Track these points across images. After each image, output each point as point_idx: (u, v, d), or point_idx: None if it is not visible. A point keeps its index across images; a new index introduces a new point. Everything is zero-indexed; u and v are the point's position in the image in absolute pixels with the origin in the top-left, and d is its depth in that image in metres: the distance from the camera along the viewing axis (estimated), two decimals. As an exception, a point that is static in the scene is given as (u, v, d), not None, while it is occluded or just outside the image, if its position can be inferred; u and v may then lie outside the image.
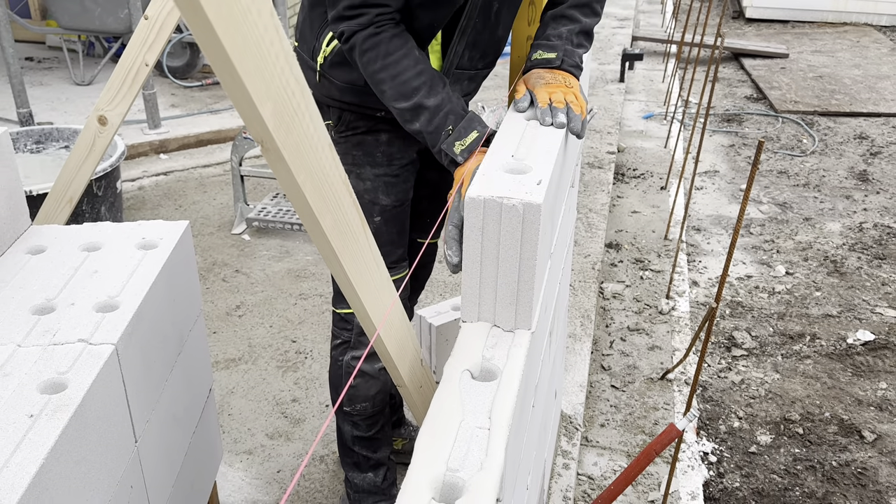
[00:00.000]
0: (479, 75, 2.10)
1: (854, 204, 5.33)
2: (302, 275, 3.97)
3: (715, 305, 2.32)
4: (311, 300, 3.75)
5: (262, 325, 3.55)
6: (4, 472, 1.28)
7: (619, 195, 5.24)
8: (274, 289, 3.85)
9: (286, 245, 4.26)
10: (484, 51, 2.01)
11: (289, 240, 4.31)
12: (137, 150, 5.29)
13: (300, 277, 3.95)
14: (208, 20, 0.83)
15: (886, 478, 3.00)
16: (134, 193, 4.93)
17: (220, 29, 0.86)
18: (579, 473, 2.76)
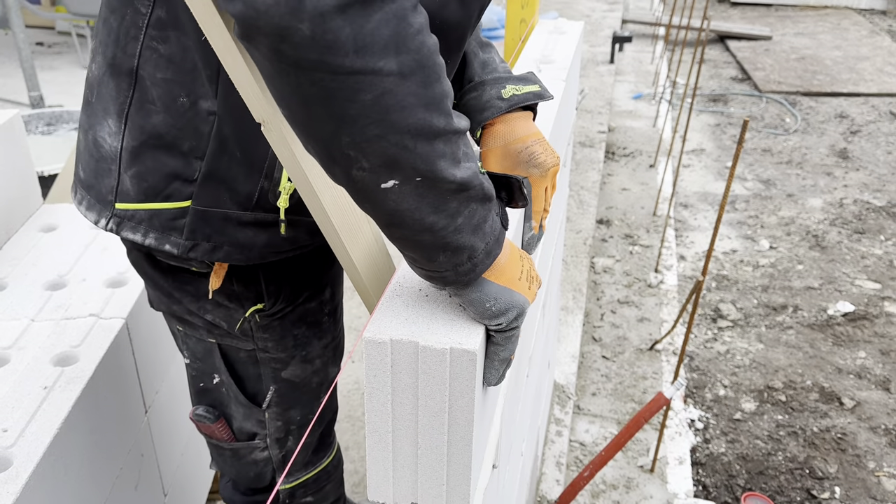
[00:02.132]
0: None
1: (835, 181, 5.32)
2: (305, 251, 3.97)
3: (701, 279, 2.32)
4: (314, 275, 3.75)
5: (267, 300, 3.55)
6: (21, 442, 1.28)
7: (609, 173, 5.22)
8: (278, 265, 3.84)
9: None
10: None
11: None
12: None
13: (303, 254, 3.94)
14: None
15: (865, 442, 3.01)
16: (142, 174, 4.90)
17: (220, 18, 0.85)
18: (571, 440, 2.77)
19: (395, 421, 0.87)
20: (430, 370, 0.83)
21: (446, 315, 0.86)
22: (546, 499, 2.39)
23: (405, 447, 0.89)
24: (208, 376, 1.40)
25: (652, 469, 2.61)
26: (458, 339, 0.82)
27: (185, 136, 1.12)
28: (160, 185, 1.15)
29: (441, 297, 0.90)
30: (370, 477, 0.91)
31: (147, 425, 1.74)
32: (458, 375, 0.83)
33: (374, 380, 0.85)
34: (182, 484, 2.01)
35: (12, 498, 1.18)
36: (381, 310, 0.87)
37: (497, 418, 1.09)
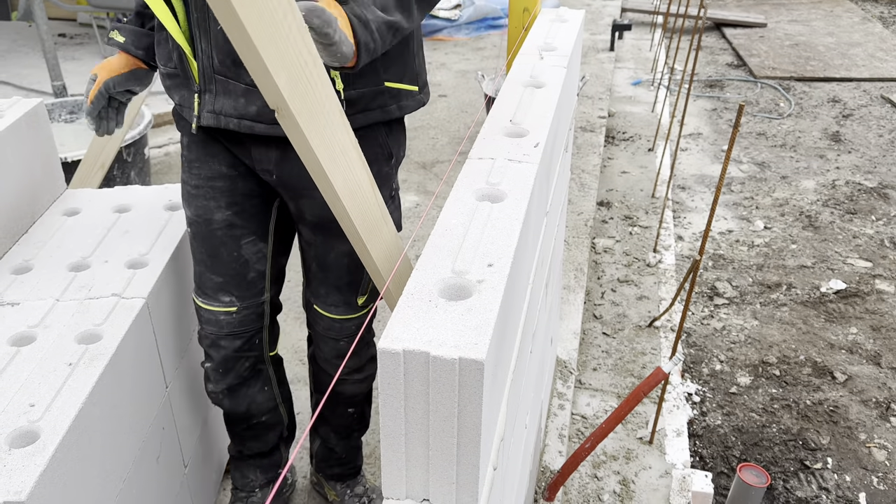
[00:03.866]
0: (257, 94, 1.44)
1: (827, 163, 5.29)
2: (317, 233, 3.96)
3: (699, 258, 2.31)
4: (326, 257, 3.74)
5: (282, 280, 3.55)
6: (47, 416, 1.29)
7: (609, 157, 5.19)
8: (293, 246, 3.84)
9: (302, 206, 4.24)
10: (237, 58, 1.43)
11: (304, 201, 4.28)
12: (164, 118, 5.25)
13: (315, 236, 3.94)
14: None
15: (856, 415, 3.01)
16: (161, 159, 4.90)
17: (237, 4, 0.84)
18: (573, 413, 2.78)
19: (408, 424, 0.89)
20: (440, 378, 0.84)
21: (455, 326, 0.87)
22: (549, 469, 2.39)
23: (417, 448, 0.90)
24: None
25: (651, 441, 2.61)
26: (467, 350, 0.83)
27: None
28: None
29: (450, 308, 0.91)
30: (384, 475, 0.93)
31: (168, 400, 1.74)
32: (467, 383, 0.84)
33: (387, 387, 0.86)
34: (201, 456, 2.02)
35: (40, 469, 1.18)
36: (393, 321, 0.88)
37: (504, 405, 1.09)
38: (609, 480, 2.45)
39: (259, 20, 0.88)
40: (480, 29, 7.67)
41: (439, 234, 1.06)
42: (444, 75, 6.42)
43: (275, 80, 0.93)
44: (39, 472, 1.18)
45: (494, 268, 0.99)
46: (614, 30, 7.01)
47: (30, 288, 1.62)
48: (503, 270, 0.98)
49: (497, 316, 0.90)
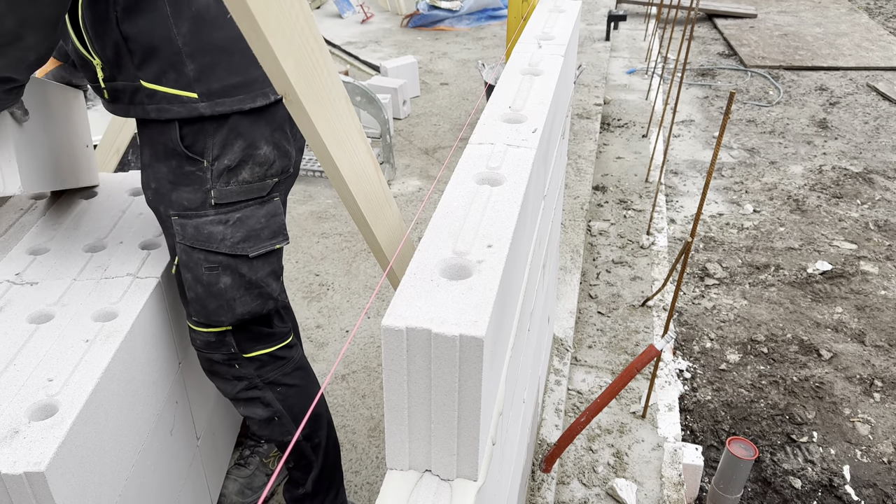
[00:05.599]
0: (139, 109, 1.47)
1: (815, 149, 5.27)
2: (323, 216, 3.96)
3: (690, 240, 2.31)
4: (332, 239, 3.74)
5: (289, 261, 3.55)
6: (65, 390, 1.29)
7: (605, 143, 5.17)
8: (298, 229, 3.84)
9: (309, 189, 4.23)
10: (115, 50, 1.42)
11: (311, 185, 4.28)
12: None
13: (322, 219, 3.94)
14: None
15: (840, 391, 3.01)
16: (173, 145, 4.88)
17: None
18: (569, 389, 2.78)
19: (411, 399, 0.89)
20: (441, 354, 0.84)
21: (455, 304, 0.87)
22: (546, 442, 2.40)
23: (419, 421, 0.90)
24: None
25: (643, 415, 2.62)
26: (467, 327, 0.83)
27: None
28: None
29: (451, 288, 0.90)
30: (388, 446, 0.93)
31: (181, 375, 1.75)
32: (467, 359, 0.84)
33: (391, 362, 0.86)
34: (213, 429, 2.03)
35: (58, 441, 1.19)
36: (396, 299, 0.88)
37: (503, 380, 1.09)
38: (603, 453, 2.46)
39: (267, 8, 0.87)
40: (481, 19, 7.62)
41: (441, 217, 1.05)
42: (446, 64, 6.39)
43: (282, 65, 0.93)
44: (58, 444, 1.18)
45: (494, 249, 0.98)
46: (610, 20, 6.96)
47: (48, 268, 1.62)
48: (502, 251, 0.98)
49: (496, 295, 0.89)
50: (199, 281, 1.56)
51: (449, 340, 0.83)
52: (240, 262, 1.56)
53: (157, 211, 1.58)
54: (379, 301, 3.21)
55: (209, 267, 1.55)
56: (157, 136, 1.49)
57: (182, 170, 1.50)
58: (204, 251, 1.54)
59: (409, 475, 0.91)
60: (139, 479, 1.49)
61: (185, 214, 1.52)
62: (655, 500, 2.28)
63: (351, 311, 3.14)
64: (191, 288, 1.58)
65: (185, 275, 1.57)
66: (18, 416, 1.23)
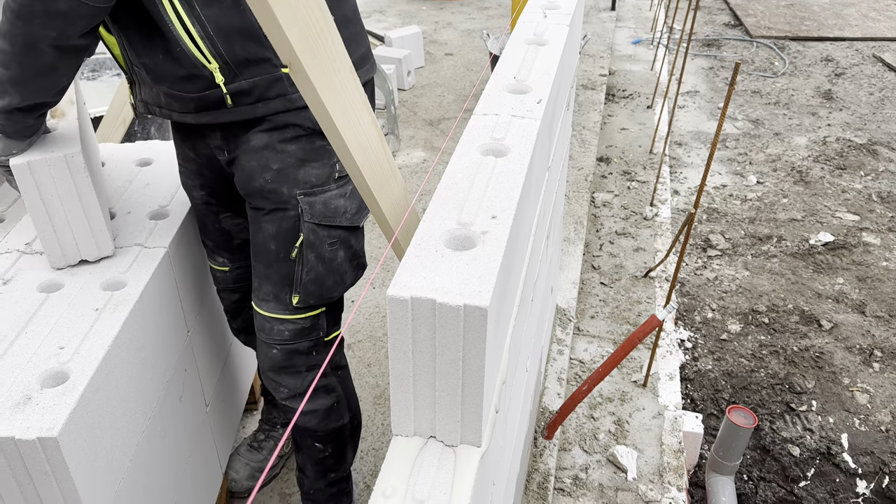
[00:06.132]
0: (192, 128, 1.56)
1: (819, 120, 5.23)
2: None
3: (693, 211, 2.30)
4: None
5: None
6: (76, 358, 1.30)
7: (609, 114, 5.14)
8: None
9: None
10: (171, 85, 1.45)
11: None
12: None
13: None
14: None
15: (840, 361, 3.02)
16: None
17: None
18: (571, 358, 2.80)
19: (416, 367, 0.89)
20: (446, 324, 0.84)
21: (460, 275, 0.87)
22: (548, 410, 2.42)
23: (424, 389, 0.91)
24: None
25: (644, 384, 2.63)
26: (471, 297, 0.83)
27: None
28: None
29: (455, 258, 0.90)
30: (394, 413, 0.93)
31: (189, 343, 1.76)
32: (471, 329, 0.84)
33: (396, 332, 0.86)
34: (222, 396, 2.05)
35: (70, 408, 1.20)
36: (402, 269, 0.88)
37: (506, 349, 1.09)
38: (605, 420, 2.48)
39: (271, -22, 0.87)
40: (486, -11, 7.53)
41: (445, 188, 1.05)
42: (451, 34, 6.33)
43: (286, 35, 0.92)
44: (70, 410, 1.20)
45: (498, 220, 0.98)
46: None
47: (56, 238, 1.63)
48: (506, 222, 0.98)
49: (500, 265, 0.90)
50: (322, 259, 1.56)
51: (453, 310, 0.83)
52: (351, 233, 1.59)
53: (275, 193, 1.52)
54: (384, 272, 3.22)
55: (331, 242, 1.56)
56: (289, 119, 1.47)
57: (313, 145, 1.50)
58: (328, 227, 1.55)
59: (414, 441, 0.93)
60: (150, 444, 1.51)
61: (312, 192, 1.52)
62: (655, 467, 2.31)
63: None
64: (312, 269, 1.57)
65: (307, 255, 1.55)
66: (31, 383, 1.24)
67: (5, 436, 1.15)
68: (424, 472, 0.87)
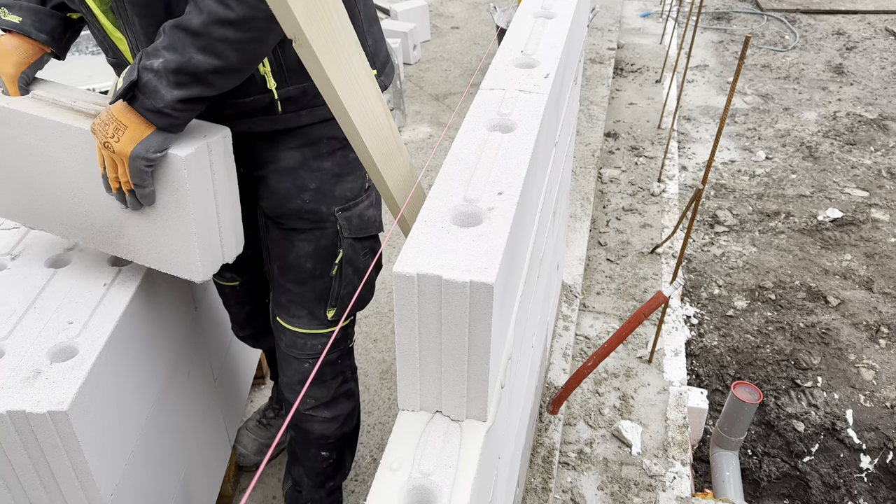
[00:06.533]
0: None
1: (829, 95, 5.18)
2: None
3: (701, 187, 2.30)
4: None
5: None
6: (85, 332, 1.31)
7: (617, 88, 5.11)
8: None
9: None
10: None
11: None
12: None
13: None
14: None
15: (847, 337, 3.03)
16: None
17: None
18: (577, 334, 2.81)
19: (422, 343, 0.90)
20: (452, 300, 0.84)
21: (466, 251, 0.87)
22: (553, 385, 2.44)
23: (430, 365, 0.91)
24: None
25: (650, 360, 2.65)
26: (477, 273, 0.83)
27: None
28: None
29: (461, 234, 0.90)
30: (400, 388, 0.94)
31: (197, 319, 1.77)
32: (477, 305, 0.84)
33: (402, 308, 0.86)
34: (229, 371, 2.07)
35: (79, 382, 1.21)
36: (408, 246, 0.88)
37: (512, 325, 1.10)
38: (610, 396, 2.50)
39: (276, -48, 0.86)
40: (493, -39, 7.45)
41: (451, 164, 1.05)
42: (457, 7, 6.28)
43: (291, 8, 0.92)
44: (79, 384, 1.21)
45: (504, 196, 0.98)
46: (624, -38, 6.80)
47: (64, 213, 1.63)
48: (513, 198, 0.98)
49: (506, 242, 0.90)
50: (358, 271, 1.54)
51: (459, 287, 0.83)
52: (378, 241, 1.57)
53: (314, 213, 1.46)
54: (390, 248, 3.23)
55: (364, 253, 1.53)
56: (324, 132, 1.42)
57: (347, 158, 1.46)
58: (361, 239, 1.52)
59: (420, 415, 0.94)
60: (159, 418, 1.53)
61: (347, 206, 1.48)
62: (660, 442, 2.32)
63: (362, 256, 3.16)
64: (349, 283, 1.54)
65: (346, 271, 1.52)
66: (40, 358, 1.26)
67: (16, 409, 1.17)
68: (430, 446, 0.88)
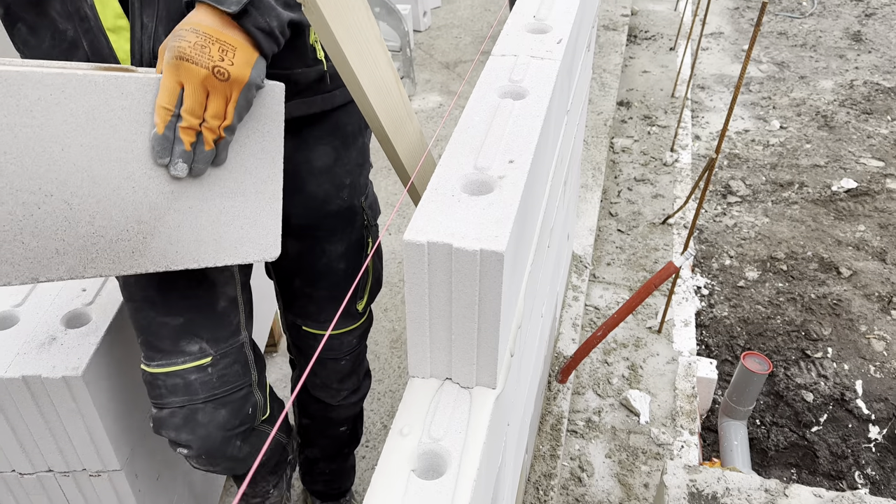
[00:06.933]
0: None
1: (847, 63, 5.11)
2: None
3: (714, 156, 2.28)
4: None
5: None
6: (98, 300, 1.32)
7: (631, 56, 5.05)
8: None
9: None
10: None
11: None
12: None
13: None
14: None
15: (858, 308, 3.02)
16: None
17: None
18: (587, 305, 2.82)
19: (432, 311, 0.90)
20: (462, 268, 0.84)
21: (476, 219, 0.87)
22: (563, 355, 2.45)
23: (440, 333, 0.91)
24: None
25: (659, 330, 2.65)
26: (488, 242, 0.83)
27: None
28: None
29: (472, 203, 0.90)
30: (410, 356, 0.94)
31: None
32: (488, 273, 0.84)
33: (413, 276, 0.87)
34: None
35: (93, 348, 1.23)
36: (418, 214, 0.88)
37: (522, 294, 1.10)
38: (618, 366, 2.51)
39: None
40: (505, -75, 7.35)
41: (462, 131, 1.05)
42: (468, -27, 6.20)
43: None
44: (93, 350, 1.23)
45: (515, 164, 0.98)
46: (639, -74, 6.69)
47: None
48: (524, 167, 0.98)
49: (517, 210, 0.90)
50: (378, 255, 1.50)
51: (469, 255, 0.83)
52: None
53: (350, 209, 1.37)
54: (400, 218, 3.23)
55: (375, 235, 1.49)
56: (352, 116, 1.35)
57: (365, 147, 1.42)
58: (377, 226, 1.47)
59: (430, 382, 0.94)
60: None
61: (367, 193, 1.42)
62: (668, 411, 2.34)
63: (372, 225, 3.17)
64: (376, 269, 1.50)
65: (376, 264, 1.48)
66: (55, 325, 1.27)
67: (32, 374, 1.19)
68: (441, 412, 0.90)
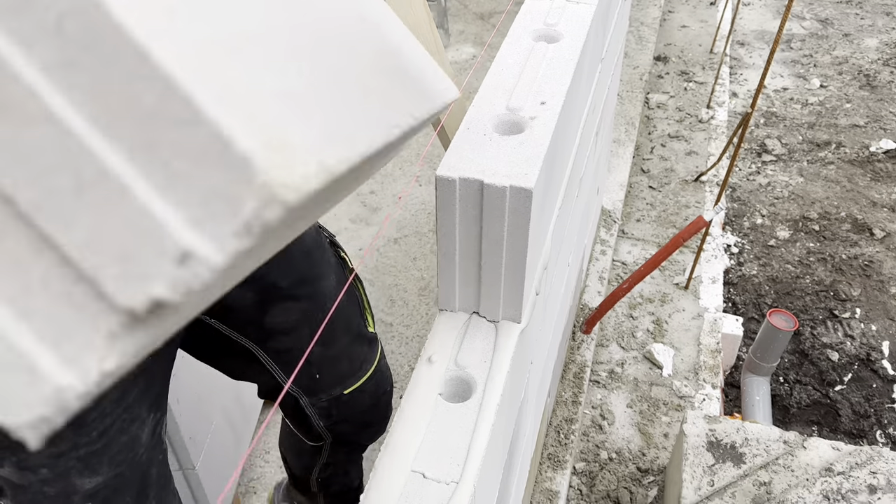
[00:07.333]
0: None
1: (894, 20, 4.97)
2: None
3: (750, 111, 2.26)
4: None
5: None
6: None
7: (670, 10, 4.96)
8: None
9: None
10: None
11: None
12: None
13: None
14: None
15: (890, 270, 3.00)
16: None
17: None
18: (614, 259, 2.83)
19: (461, 245, 0.93)
20: (491, 204, 0.87)
21: (507, 158, 0.89)
22: (588, 306, 2.48)
23: (469, 267, 0.95)
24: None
25: (686, 286, 2.66)
26: (517, 179, 0.86)
27: None
28: None
29: (503, 142, 0.93)
30: (441, 290, 0.98)
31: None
32: (516, 210, 0.87)
33: (443, 211, 0.90)
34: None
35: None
36: (450, 152, 0.90)
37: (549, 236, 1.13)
38: (643, 320, 2.53)
39: None
40: None
41: (495, 73, 1.07)
42: (506, -78, 6.10)
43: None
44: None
45: (547, 106, 1.00)
46: None
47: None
48: (555, 109, 1.00)
49: (547, 150, 0.92)
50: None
51: (499, 191, 0.86)
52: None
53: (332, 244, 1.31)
54: (429, 169, 3.25)
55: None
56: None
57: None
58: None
59: (458, 315, 0.98)
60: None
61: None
62: (691, 365, 2.37)
63: (403, 178, 3.20)
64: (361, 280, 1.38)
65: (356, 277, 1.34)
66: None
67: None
68: (467, 342, 0.93)
